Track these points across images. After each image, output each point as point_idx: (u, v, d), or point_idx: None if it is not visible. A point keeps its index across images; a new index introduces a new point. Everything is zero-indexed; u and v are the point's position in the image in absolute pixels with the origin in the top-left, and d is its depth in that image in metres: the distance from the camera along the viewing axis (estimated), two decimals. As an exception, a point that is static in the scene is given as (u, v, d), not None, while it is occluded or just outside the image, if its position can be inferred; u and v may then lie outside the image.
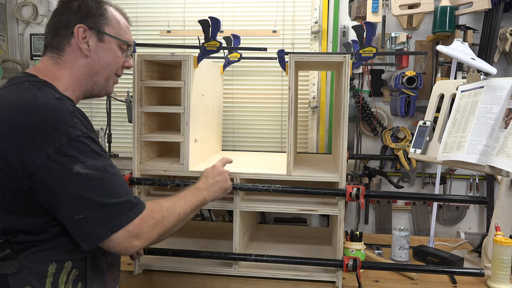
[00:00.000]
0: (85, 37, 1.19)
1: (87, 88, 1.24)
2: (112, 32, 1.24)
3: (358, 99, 2.38)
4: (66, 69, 1.19)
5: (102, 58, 1.23)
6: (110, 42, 1.24)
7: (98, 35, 1.21)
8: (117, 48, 1.26)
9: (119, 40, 1.26)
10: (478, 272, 1.62)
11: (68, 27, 1.19)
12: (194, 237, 2.11)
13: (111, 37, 1.24)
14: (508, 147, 1.40)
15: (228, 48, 2.19)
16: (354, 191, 1.63)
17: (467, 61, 1.60)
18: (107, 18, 1.23)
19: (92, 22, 1.20)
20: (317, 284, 1.70)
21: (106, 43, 1.23)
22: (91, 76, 1.22)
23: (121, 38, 1.26)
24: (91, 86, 1.24)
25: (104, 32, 1.22)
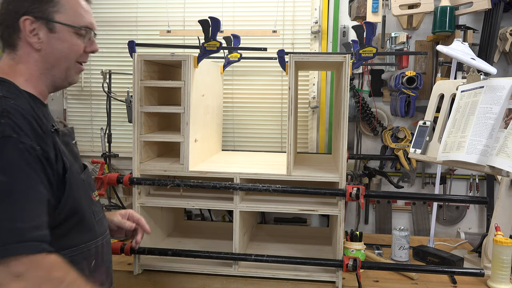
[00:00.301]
0: (33, 30, 1.07)
1: (48, 82, 1.14)
2: (64, 19, 1.10)
3: (358, 99, 2.38)
4: (22, 64, 1.10)
5: (56, 49, 1.11)
6: (63, 31, 1.10)
7: (48, 25, 1.09)
8: (73, 35, 1.13)
9: (73, 27, 1.12)
10: (478, 272, 1.62)
11: (15, 19, 1.07)
12: (194, 237, 2.11)
13: (63, 25, 1.10)
14: (508, 147, 1.40)
15: (228, 48, 2.19)
16: (354, 191, 1.63)
17: (467, 61, 1.60)
18: (57, 4, 1.09)
19: (40, 11, 1.07)
20: (317, 284, 1.70)
21: (58, 32, 1.10)
22: (49, 70, 1.12)
23: (75, 24, 1.12)
24: (51, 80, 1.14)
25: (54, 21, 1.09)
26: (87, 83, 2.65)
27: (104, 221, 1.23)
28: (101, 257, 1.17)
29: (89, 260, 1.12)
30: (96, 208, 1.18)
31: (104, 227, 1.22)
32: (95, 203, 1.19)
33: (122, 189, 2.59)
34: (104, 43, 2.62)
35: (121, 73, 2.53)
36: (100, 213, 1.21)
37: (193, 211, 2.53)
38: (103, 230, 1.20)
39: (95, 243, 1.14)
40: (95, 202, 1.20)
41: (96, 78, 2.62)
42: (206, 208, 2.20)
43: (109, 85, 2.46)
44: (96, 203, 1.20)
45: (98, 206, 1.21)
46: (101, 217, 1.21)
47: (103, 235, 1.19)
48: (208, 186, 1.71)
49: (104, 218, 1.24)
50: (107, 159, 2.45)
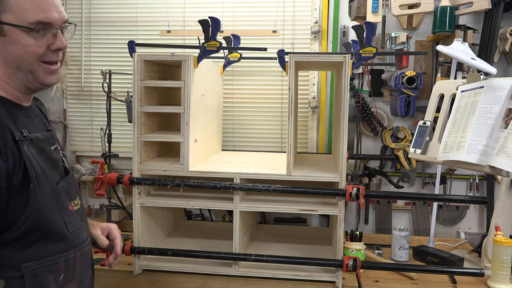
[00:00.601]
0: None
1: (19, 86, 1.06)
2: (12, 19, 0.98)
3: (358, 99, 2.38)
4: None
5: (11, 53, 1.01)
6: (13, 32, 0.99)
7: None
8: (26, 35, 1.01)
9: (22, 27, 0.99)
10: (478, 272, 1.62)
11: None
12: (194, 237, 2.11)
13: (12, 26, 0.99)
14: (508, 147, 1.40)
15: (228, 48, 2.19)
16: (354, 191, 1.63)
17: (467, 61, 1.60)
18: (1, 3, 0.98)
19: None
20: (317, 284, 1.70)
21: (9, 35, 0.99)
22: (13, 74, 1.04)
23: (24, 24, 1.00)
24: (21, 83, 1.06)
25: (1, 22, 0.98)
26: (87, 83, 2.65)
27: (82, 231, 1.15)
28: (72, 271, 1.10)
29: (56, 274, 1.05)
30: (72, 219, 1.10)
31: (81, 238, 1.14)
32: (72, 213, 1.11)
33: (122, 189, 2.59)
34: (104, 43, 2.62)
35: (121, 73, 2.53)
36: (78, 223, 1.13)
37: (193, 211, 2.53)
38: (79, 242, 1.12)
39: (65, 256, 1.07)
40: (72, 212, 1.11)
41: (96, 78, 2.62)
42: (206, 208, 2.20)
43: (109, 85, 2.46)
44: (73, 213, 1.12)
45: (75, 216, 1.12)
46: (78, 228, 1.13)
47: (77, 247, 1.11)
48: (208, 186, 1.71)
49: (83, 228, 1.16)
50: (107, 159, 2.45)
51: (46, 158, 1.08)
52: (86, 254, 1.16)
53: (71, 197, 1.13)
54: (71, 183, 1.16)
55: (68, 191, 1.13)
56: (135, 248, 1.77)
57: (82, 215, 1.18)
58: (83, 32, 2.62)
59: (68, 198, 1.12)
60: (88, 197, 2.69)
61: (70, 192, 1.13)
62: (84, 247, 1.15)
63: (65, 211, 1.08)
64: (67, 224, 1.07)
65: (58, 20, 1.04)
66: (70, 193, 1.14)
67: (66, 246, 1.07)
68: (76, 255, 1.10)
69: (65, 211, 1.08)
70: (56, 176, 1.10)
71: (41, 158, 1.06)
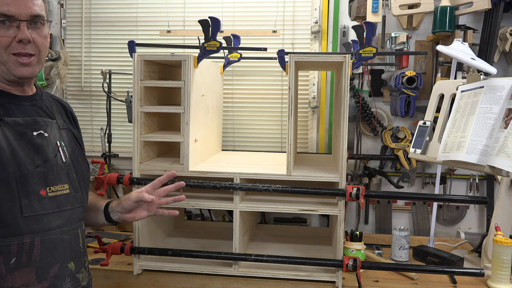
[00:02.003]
0: None
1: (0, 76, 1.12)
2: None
3: (358, 99, 2.38)
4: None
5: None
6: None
7: None
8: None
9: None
10: (478, 272, 1.62)
11: None
12: (194, 237, 2.11)
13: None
14: (508, 147, 1.39)
15: (228, 48, 2.19)
16: (354, 191, 1.63)
17: (467, 61, 1.60)
18: None
19: None
20: (317, 284, 1.70)
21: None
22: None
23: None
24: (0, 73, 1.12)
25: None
26: (87, 83, 2.65)
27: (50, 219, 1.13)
28: (27, 256, 1.08)
29: (6, 257, 1.04)
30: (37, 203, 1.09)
31: (44, 225, 1.11)
32: (41, 198, 1.10)
33: (122, 189, 2.59)
34: (104, 43, 2.62)
35: (121, 73, 2.53)
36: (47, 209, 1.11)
37: (193, 211, 2.53)
38: (38, 228, 1.10)
39: (18, 239, 1.06)
40: (41, 197, 1.10)
41: (96, 78, 2.62)
42: (206, 208, 2.20)
43: (109, 85, 2.46)
44: (43, 198, 1.11)
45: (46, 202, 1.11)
46: (45, 214, 1.11)
47: (36, 233, 1.09)
48: (208, 186, 1.71)
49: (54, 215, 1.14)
50: (107, 159, 2.45)
51: (28, 143, 1.11)
52: (53, 242, 1.13)
53: (47, 183, 1.13)
54: (53, 170, 1.15)
55: (45, 177, 1.12)
56: (135, 248, 1.77)
57: (63, 203, 1.16)
58: (83, 32, 2.62)
59: (43, 183, 1.12)
60: (88, 197, 2.69)
61: (47, 178, 1.13)
62: (49, 235, 1.12)
63: (27, 195, 1.08)
64: (23, 208, 1.06)
65: (22, 13, 1.09)
66: (48, 179, 1.13)
67: (17, 230, 1.06)
68: (35, 241, 1.09)
69: (28, 195, 1.08)
70: (37, 161, 1.11)
71: (20, 142, 1.09)
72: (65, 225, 1.17)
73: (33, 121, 1.16)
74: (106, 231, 2.27)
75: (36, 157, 1.12)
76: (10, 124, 1.09)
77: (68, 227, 1.18)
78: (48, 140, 1.17)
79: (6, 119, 1.08)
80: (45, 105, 1.24)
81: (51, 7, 2.62)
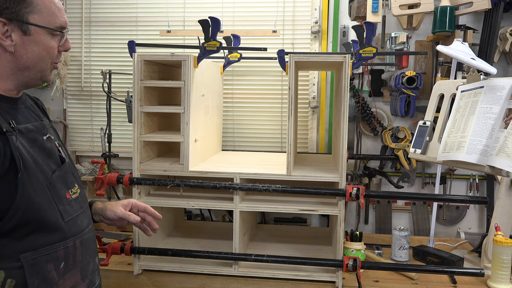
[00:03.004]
0: (6, 31, 1.02)
1: (18, 83, 1.09)
2: (39, 21, 1.05)
3: (358, 99, 2.38)
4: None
5: (31, 53, 1.06)
6: (38, 33, 1.05)
7: (22, 27, 1.03)
8: (48, 37, 1.08)
9: (48, 29, 1.07)
10: (478, 272, 1.62)
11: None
12: (194, 237, 2.11)
13: (38, 27, 1.05)
14: (508, 147, 1.39)
15: (228, 48, 2.19)
16: (354, 191, 1.63)
17: (467, 61, 1.60)
18: (30, 4, 1.03)
19: (13, 12, 1.01)
20: (317, 284, 1.70)
21: (33, 35, 1.05)
22: (21, 71, 1.07)
23: (50, 26, 1.07)
24: (22, 80, 1.09)
25: (29, 22, 1.03)
26: (87, 83, 2.65)
27: (82, 219, 1.16)
28: (73, 258, 1.11)
29: (56, 263, 1.06)
30: (69, 207, 1.11)
31: (79, 226, 1.14)
32: (69, 202, 1.12)
33: (122, 189, 2.59)
34: (104, 43, 2.62)
35: (121, 73, 2.53)
36: (76, 211, 1.14)
37: (193, 211, 2.53)
38: (77, 230, 1.12)
39: (63, 244, 1.07)
40: (69, 201, 1.12)
41: (96, 78, 2.62)
42: (206, 208, 2.20)
43: (109, 85, 2.46)
44: (70, 201, 1.12)
45: (73, 204, 1.14)
46: (77, 216, 1.14)
47: (76, 235, 1.12)
48: (208, 186, 1.71)
49: (82, 216, 1.17)
50: (107, 159, 2.45)
51: (40, 148, 1.09)
52: (87, 241, 1.17)
53: (68, 186, 1.14)
54: (68, 171, 1.16)
55: (64, 180, 1.13)
56: (135, 248, 1.77)
57: (82, 202, 1.19)
58: (83, 32, 2.62)
59: (65, 186, 1.13)
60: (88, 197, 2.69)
61: (67, 181, 1.14)
62: (84, 235, 1.15)
63: (60, 200, 1.09)
64: (63, 213, 1.08)
65: (67, 24, 1.14)
66: (67, 182, 1.14)
67: (63, 235, 1.08)
68: (76, 243, 1.11)
69: (61, 200, 1.09)
70: (52, 165, 1.11)
71: (34, 148, 1.07)
72: (89, 223, 1.21)
73: (41, 125, 1.15)
74: (106, 231, 2.27)
75: (49, 161, 1.11)
76: (22, 131, 1.06)
77: (91, 225, 1.22)
78: (53, 142, 1.17)
79: (19, 126, 1.05)
80: (29, 104, 1.21)
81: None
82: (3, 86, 1.08)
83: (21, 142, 1.03)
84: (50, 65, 1.12)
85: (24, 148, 1.03)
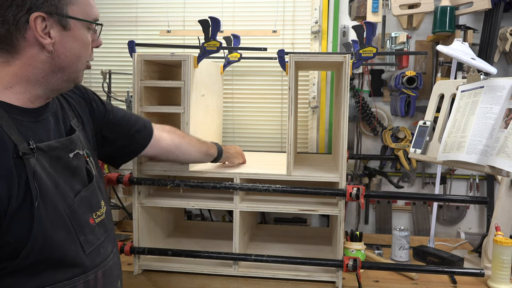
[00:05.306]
0: (45, 28, 0.90)
1: (50, 87, 0.97)
2: (78, 13, 0.94)
3: (358, 99, 2.38)
4: (16, 66, 0.92)
5: (69, 50, 0.95)
6: (77, 27, 0.94)
7: (62, 22, 0.92)
8: (85, 31, 0.97)
9: (87, 22, 0.96)
10: (478, 272, 1.62)
11: (20, 16, 0.88)
12: (194, 237, 2.11)
13: (77, 21, 0.94)
14: (508, 147, 1.39)
15: (228, 48, 2.19)
16: (354, 191, 1.63)
17: (467, 61, 1.60)
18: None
19: (52, 4, 0.90)
20: (317, 284, 1.70)
21: (73, 29, 0.94)
22: (55, 73, 0.95)
23: (89, 18, 0.97)
24: (54, 85, 0.97)
25: (69, 16, 0.92)
26: (87, 83, 2.65)
27: (105, 246, 1.06)
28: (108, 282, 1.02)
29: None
30: (91, 235, 1.00)
31: (103, 255, 1.04)
32: (92, 228, 1.01)
33: (122, 189, 2.59)
34: (104, 43, 2.60)
35: (121, 73, 2.53)
36: (100, 237, 1.03)
37: (193, 211, 2.53)
38: (100, 260, 1.02)
39: (84, 277, 0.97)
40: (92, 227, 1.01)
41: (96, 78, 2.62)
42: (206, 208, 2.19)
43: (109, 85, 2.46)
44: (94, 227, 1.02)
45: (97, 230, 1.03)
46: (100, 243, 1.03)
47: (98, 266, 1.02)
48: (208, 186, 1.71)
49: (106, 241, 1.06)
50: (107, 159, 2.45)
51: (64, 167, 0.98)
52: (110, 269, 1.06)
53: (92, 208, 1.04)
54: (94, 190, 1.06)
55: (89, 202, 1.03)
56: (135, 248, 1.76)
57: (107, 224, 1.09)
58: (83, 32, 2.61)
59: (88, 210, 1.02)
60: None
61: (91, 203, 1.04)
62: (107, 263, 1.05)
63: (82, 229, 0.98)
64: (84, 245, 0.98)
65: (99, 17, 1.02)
66: (92, 204, 1.04)
67: (83, 269, 0.98)
68: (98, 274, 1.01)
69: (83, 229, 0.98)
70: (76, 185, 1.00)
71: (56, 168, 0.96)
72: (114, 246, 1.12)
73: (68, 141, 1.01)
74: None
75: (73, 181, 1.00)
76: (44, 150, 0.93)
77: (115, 248, 1.12)
78: (81, 158, 1.04)
79: (40, 145, 0.92)
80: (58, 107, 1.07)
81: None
82: (29, 94, 0.94)
83: (41, 164, 0.91)
84: (84, 65, 1.02)
85: (44, 170, 0.91)
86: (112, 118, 1.29)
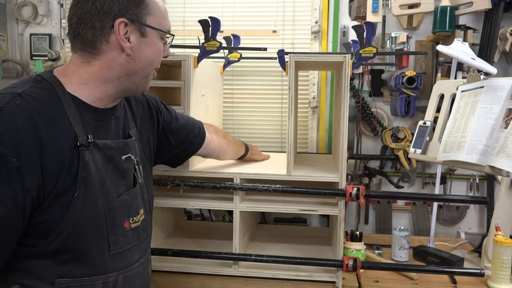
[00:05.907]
0: (126, 33, 1.00)
1: (121, 88, 1.05)
2: (154, 23, 1.05)
3: (358, 99, 2.37)
4: (95, 67, 1.01)
5: (144, 55, 1.05)
6: (152, 35, 1.06)
7: (141, 29, 1.03)
8: (159, 40, 1.09)
9: (162, 31, 1.08)
10: (478, 272, 1.62)
11: (105, 18, 0.98)
12: (194, 237, 2.11)
13: (154, 30, 1.05)
14: (508, 147, 1.39)
15: (228, 48, 2.19)
16: (354, 191, 1.63)
17: (467, 61, 1.60)
18: (148, 6, 1.03)
19: (134, 13, 1.00)
20: (317, 284, 1.70)
21: (149, 37, 1.05)
22: (128, 76, 1.05)
23: (164, 29, 1.08)
24: (125, 86, 1.06)
25: (146, 24, 1.03)
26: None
27: (133, 253, 1.08)
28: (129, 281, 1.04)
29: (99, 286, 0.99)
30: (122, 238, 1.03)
31: (128, 260, 1.06)
32: (125, 232, 1.04)
33: (122, 189, 2.59)
34: (104, 43, 2.61)
35: (121, 73, 2.53)
36: (130, 243, 1.06)
37: (193, 211, 2.53)
38: (122, 265, 1.05)
39: (104, 278, 1.00)
40: (125, 231, 1.04)
41: (96, 78, 2.62)
42: (206, 208, 2.19)
43: (109, 85, 2.46)
44: (127, 232, 1.05)
45: (129, 235, 1.06)
46: (128, 249, 1.06)
47: (120, 270, 1.04)
48: (208, 186, 1.71)
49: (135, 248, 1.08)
50: (107, 159, 2.45)
51: (114, 168, 1.04)
52: (132, 277, 1.08)
53: (130, 213, 1.08)
54: (136, 196, 1.10)
55: (128, 206, 1.07)
56: (135, 248, 1.76)
57: (142, 232, 1.12)
58: (83, 32, 2.61)
59: (126, 213, 1.06)
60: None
61: (131, 207, 1.08)
62: (131, 270, 1.08)
63: (114, 230, 1.02)
64: (112, 245, 1.02)
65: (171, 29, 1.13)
66: (131, 208, 1.08)
67: (104, 269, 1.01)
68: (118, 278, 1.04)
69: (115, 230, 1.02)
70: (121, 187, 1.05)
71: (108, 166, 1.02)
72: (142, 256, 1.13)
73: (123, 144, 1.09)
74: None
75: (120, 183, 1.05)
76: (99, 146, 1.00)
77: (143, 258, 1.14)
78: (131, 162, 1.11)
79: (97, 141, 1.00)
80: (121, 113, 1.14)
81: (51, 7, 2.62)
82: (100, 92, 1.03)
83: (94, 159, 0.98)
84: (153, 72, 1.12)
85: (94, 165, 0.98)
86: (175, 126, 1.40)
